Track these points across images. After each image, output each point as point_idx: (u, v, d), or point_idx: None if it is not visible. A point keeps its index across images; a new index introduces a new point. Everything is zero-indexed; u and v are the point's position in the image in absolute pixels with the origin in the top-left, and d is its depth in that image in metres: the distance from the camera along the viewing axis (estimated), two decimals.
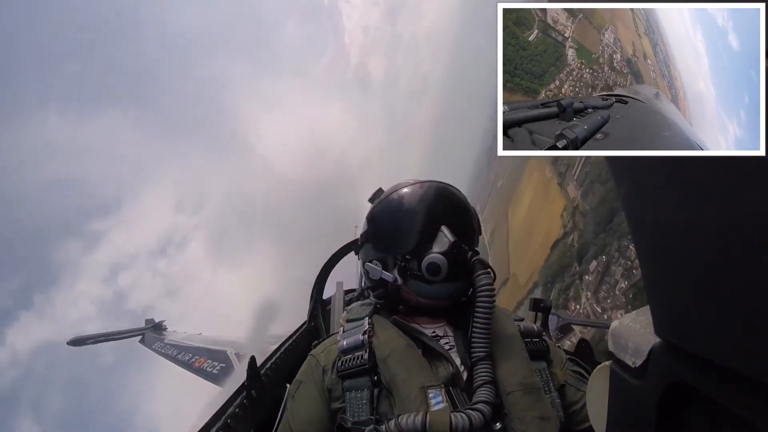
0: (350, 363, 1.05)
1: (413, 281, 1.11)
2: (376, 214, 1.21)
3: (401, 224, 1.14)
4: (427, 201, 1.14)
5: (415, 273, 1.09)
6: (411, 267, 1.09)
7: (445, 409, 0.92)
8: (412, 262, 1.09)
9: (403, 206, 1.16)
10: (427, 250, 1.08)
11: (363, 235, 1.24)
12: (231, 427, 1.23)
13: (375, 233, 1.20)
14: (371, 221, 1.22)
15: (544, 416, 0.96)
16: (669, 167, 0.40)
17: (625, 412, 0.52)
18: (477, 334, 1.02)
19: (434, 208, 1.14)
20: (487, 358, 1.01)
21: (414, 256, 1.09)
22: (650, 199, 0.42)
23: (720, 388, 0.36)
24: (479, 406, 0.93)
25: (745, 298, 0.32)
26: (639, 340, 0.47)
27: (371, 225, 1.21)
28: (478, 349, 1.01)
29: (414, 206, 1.14)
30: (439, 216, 1.12)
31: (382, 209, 1.20)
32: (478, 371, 1.00)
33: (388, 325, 1.13)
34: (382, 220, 1.19)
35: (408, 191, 1.18)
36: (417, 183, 1.20)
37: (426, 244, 1.09)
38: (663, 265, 0.42)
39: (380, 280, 1.16)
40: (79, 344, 16.47)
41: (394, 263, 1.13)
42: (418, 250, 1.09)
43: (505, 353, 1.05)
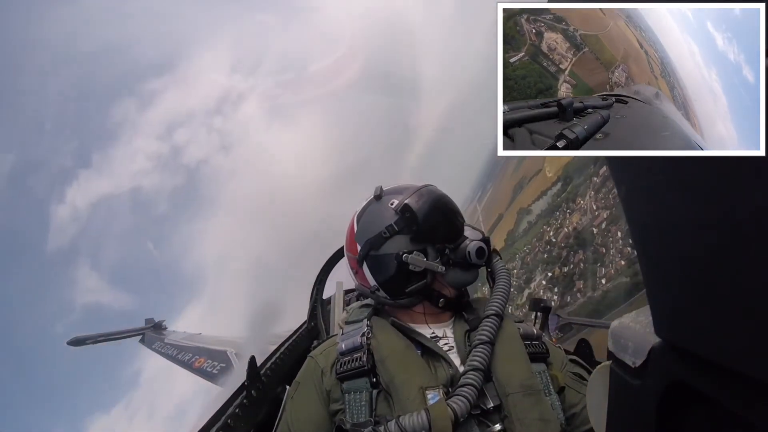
0: (349, 365, 1.06)
1: (452, 270, 1.18)
2: (410, 206, 1.19)
3: (443, 217, 1.22)
4: (447, 199, 1.26)
5: (457, 261, 1.17)
6: (452, 256, 1.18)
7: (441, 400, 0.94)
8: (454, 252, 1.18)
9: (438, 201, 1.23)
10: (463, 240, 1.20)
11: (389, 228, 1.20)
12: (231, 427, 1.23)
13: (415, 222, 1.18)
14: (407, 211, 1.19)
15: (545, 418, 0.97)
16: (669, 167, 0.40)
17: (625, 413, 0.52)
18: (496, 295, 1.18)
19: (453, 206, 1.27)
20: (496, 316, 1.12)
21: (456, 245, 1.19)
22: (650, 199, 0.42)
23: (720, 388, 0.36)
24: (464, 389, 0.96)
25: (745, 298, 0.32)
26: (639, 340, 0.47)
27: (408, 215, 1.19)
28: (492, 306, 1.14)
29: (446, 202, 1.24)
30: (458, 213, 1.26)
31: (417, 201, 1.21)
32: (472, 356, 1.03)
33: (387, 327, 1.14)
34: (420, 211, 1.19)
35: (428, 189, 1.25)
36: (423, 185, 1.27)
37: (460, 235, 1.21)
38: (663, 265, 0.42)
39: (423, 271, 1.17)
40: (78, 344, 16.46)
41: (436, 253, 1.18)
42: (457, 240, 1.20)
43: (505, 354, 1.05)
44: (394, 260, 1.17)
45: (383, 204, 1.24)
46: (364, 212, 1.28)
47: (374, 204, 1.27)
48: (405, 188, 1.26)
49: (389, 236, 1.19)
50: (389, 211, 1.21)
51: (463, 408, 0.92)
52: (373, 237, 1.22)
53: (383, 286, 1.21)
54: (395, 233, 1.19)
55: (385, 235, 1.19)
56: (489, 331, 1.07)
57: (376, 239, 1.21)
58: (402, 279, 1.17)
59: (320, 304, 2.09)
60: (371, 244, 1.22)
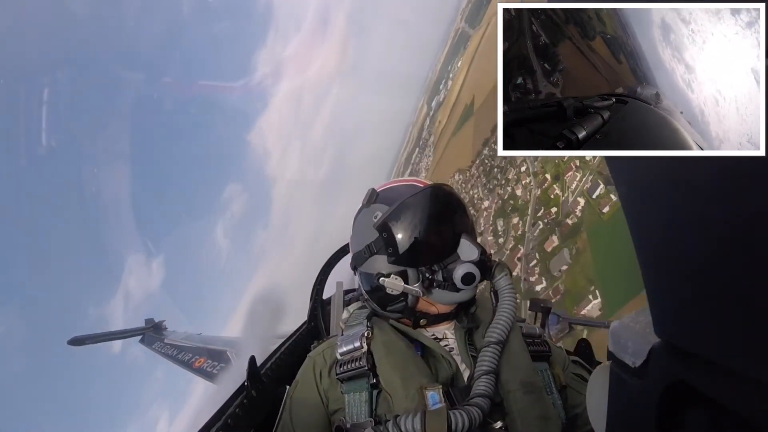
0: (349, 365, 1.05)
1: (438, 291, 1.09)
2: (389, 224, 1.08)
3: (424, 235, 1.07)
4: (444, 208, 1.12)
5: (442, 283, 1.07)
6: (437, 278, 1.07)
7: (442, 408, 0.90)
8: (438, 274, 1.07)
9: (420, 215, 1.08)
10: (453, 259, 1.08)
11: (370, 246, 1.13)
12: (231, 427, 1.23)
13: (391, 245, 1.08)
14: (384, 231, 1.09)
15: (546, 416, 0.96)
16: (669, 167, 0.40)
17: (625, 412, 0.52)
18: (499, 322, 1.04)
19: (451, 215, 1.13)
20: (497, 345, 1.02)
21: (440, 267, 1.08)
22: (650, 199, 0.42)
23: (720, 388, 0.36)
24: (477, 400, 0.92)
25: (745, 299, 0.32)
26: (639, 340, 0.46)
27: (385, 235, 1.09)
28: (493, 334, 1.03)
29: (432, 214, 1.08)
30: (457, 223, 1.12)
31: (397, 218, 1.08)
32: (483, 357, 1.00)
33: (387, 328, 1.13)
34: (399, 230, 1.07)
35: (421, 198, 1.09)
36: (421, 185, 1.15)
37: (450, 255, 1.08)
38: (663, 265, 0.42)
39: (400, 294, 1.10)
40: (78, 344, 16.44)
41: (417, 276, 1.09)
42: (444, 260, 1.08)
43: (507, 352, 1.05)
44: (375, 280, 1.13)
45: (369, 214, 1.14)
46: (356, 218, 1.22)
47: (363, 211, 1.18)
48: (400, 194, 1.13)
49: (369, 256, 1.14)
50: (370, 228, 1.11)
51: (462, 422, 0.87)
52: (356, 253, 1.19)
53: (371, 298, 1.19)
54: (374, 254, 1.12)
55: (365, 254, 1.14)
56: (490, 361, 0.99)
57: (358, 257, 1.18)
58: (382, 297, 1.14)
59: (320, 304, 2.09)
60: (355, 260, 1.20)
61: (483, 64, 57.54)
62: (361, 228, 1.18)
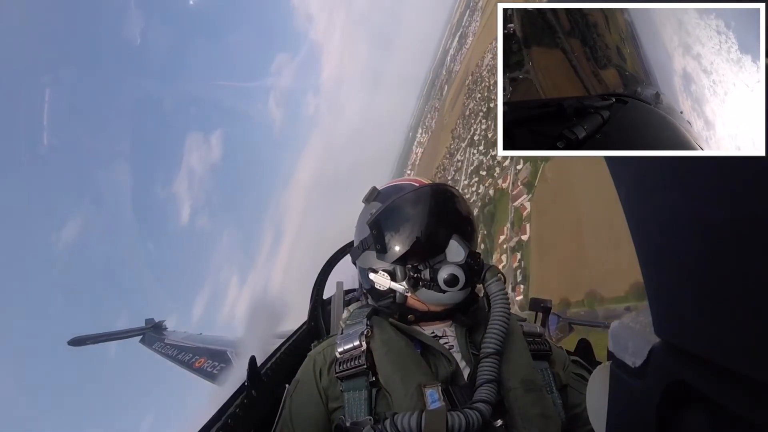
0: (348, 364, 1.06)
1: (425, 291, 1.09)
2: (380, 221, 1.12)
3: (411, 233, 1.08)
4: (436, 207, 1.11)
5: (428, 283, 1.07)
6: (423, 277, 1.07)
7: (441, 409, 0.90)
8: (425, 273, 1.07)
9: (411, 213, 1.09)
10: (440, 259, 1.07)
11: (363, 242, 1.18)
12: (231, 426, 1.23)
13: (380, 242, 1.11)
14: (375, 228, 1.13)
15: (546, 414, 0.96)
16: (669, 167, 0.40)
17: (625, 413, 0.52)
18: (492, 332, 1.02)
19: (443, 215, 1.12)
20: (496, 355, 1.01)
21: (427, 266, 1.08)
22: (650, 199, 0.42)
23: (720, 388, 0.36)
24: (478, 405, 0.92)
25: (746, 299, 0.32)
26: (639, 340, 0.46)
27: (375, 232, 1.12)
28: (489, 345, 1.01)
29: (423, 213, 1.09)
30: (449, 224, 1.11)
31: (388, 216, 1.11)
32: (483, 367, 0.99)
33: (386, 326, 1.13)
34: (388, 228, 1.11)
35: (413, 196, 1.11)
36: (418, 184, 1.17)
37: (438, 254, 1.08)
38: (663, 266, 0.42)
39: (388, 290, 1.13)
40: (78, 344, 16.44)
41: (404, 274, 1.10)
42: (431, 260, 1.08)
43: (508, 351, 1.05)
44: (366, 275, 1.18)
45: (367, 211, 1.19)
46: (360, 214, 1.27)
47: (364, 208, 1.24)
48: (398, 189, 1.17)
49: (362, 251, 1.19)
50: (365, 224, 1.16)
51: (459, 423, 0.86)
52: (353, 248, 1.25)
53: (366, 292, 1.24)
54: (366, 249, 1.17)
55: (359, 250, 1.20)
56: (490, 372, 0.98)
57: (355, 251, 1.24)
58: (373, 292, 1.19)
59: (320, 304, 2.09)
60: (352, 255, 1.25)
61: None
62: (359, 225, 1.23)
